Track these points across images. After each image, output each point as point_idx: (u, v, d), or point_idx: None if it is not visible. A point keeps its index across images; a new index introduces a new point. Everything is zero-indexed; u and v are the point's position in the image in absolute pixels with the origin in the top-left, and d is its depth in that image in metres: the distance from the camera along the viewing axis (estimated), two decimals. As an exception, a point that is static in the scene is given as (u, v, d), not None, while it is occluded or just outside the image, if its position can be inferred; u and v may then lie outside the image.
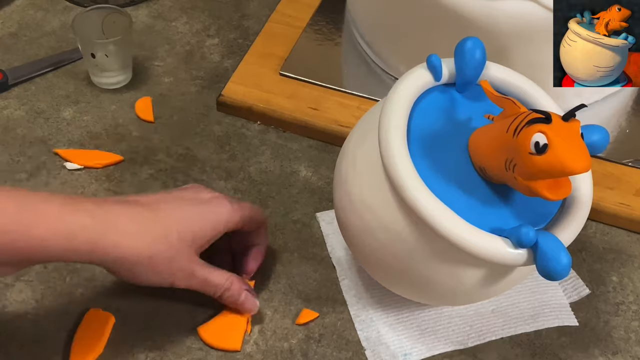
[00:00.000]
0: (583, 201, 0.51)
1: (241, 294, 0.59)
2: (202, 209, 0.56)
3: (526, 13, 0.63)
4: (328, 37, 0.83)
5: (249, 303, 0.59)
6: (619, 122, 0.76)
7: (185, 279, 0.55)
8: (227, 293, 0.58)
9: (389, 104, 0.50)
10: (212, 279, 0.57)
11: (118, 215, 0.52)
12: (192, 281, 0.56)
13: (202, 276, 0.56)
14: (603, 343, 0.62)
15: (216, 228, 0.56)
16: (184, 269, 0.55)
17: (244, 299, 0.59)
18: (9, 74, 0.78)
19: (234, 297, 0.58)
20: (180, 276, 0.55)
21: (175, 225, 0.54)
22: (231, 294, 0.58)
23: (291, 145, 0.75)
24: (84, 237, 0.50)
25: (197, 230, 0.55)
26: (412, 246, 0.51)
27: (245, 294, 0.59)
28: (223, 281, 0.57)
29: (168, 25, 0.87)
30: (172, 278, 0.55)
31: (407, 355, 0.60)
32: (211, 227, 0.56)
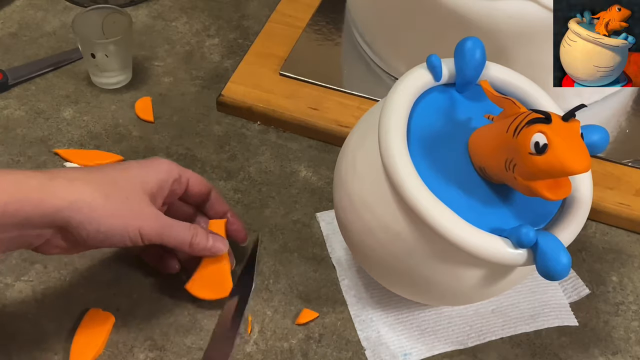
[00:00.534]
0: (583, 201, 0.51)
1: (208, 237, 0.58)
2: (141, 163, 0.57)
3: (526, 13, 0.63)
4: (328, 37, 0.83)
5: (219, 242, 0.59)
6: (619, 122, 0.76)
7: (151, 226, 0.54)
8: (195, 239, 0.57)
9: (389, 104, 0.50)
10: (177, 224, 0.56)
11: (65, 170, 0.53)
12: (159, 225, 0.55)
13: (168, 221, 0.56)
14: (603, 343, 0.62)
15: (159, 175, 0.57)
16: (147, 212, 0.54)
17: (212, 240, 0.59)
18: (9, 74, 0.78)
19: (203, 241, 0.58)
20: (145, 219, 0.54)
21: (121, 174, 0.55)
22: (199, 239, 0.57)
23: (291, 145, 0.76)
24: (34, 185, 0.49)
25: (143, 176, 0.55)
26: (412, 246, 0.51)
27: (213, 235, 0.59)
28: (188, 226, 0.57)
29: (168, 25, 0.87)
30: (138, 221, 0.53)
31: (407, 355, 0.60)
32: (155, 174, 0.56)
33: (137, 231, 0.53)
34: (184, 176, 0.59)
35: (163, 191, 0.57)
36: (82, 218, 0.50)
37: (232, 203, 0.70)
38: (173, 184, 0.58)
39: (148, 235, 0.54)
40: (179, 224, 0.57)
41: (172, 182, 0.58)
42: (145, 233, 0.54)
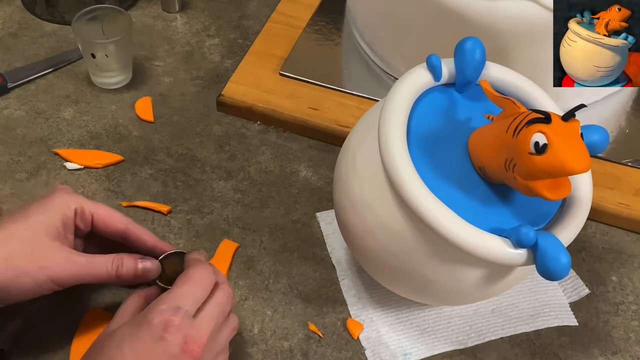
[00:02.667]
0: (583, 201, 0.51)
1: (137, 263, 0.55)
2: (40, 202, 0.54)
3: (526, 13, 0.63)
4: (328, 37, 0.83)
5: (149, 265, 0.56)
6: (619, 122, 0.76)
7: (65, 270, 0.52)
8: (122, 269, 0.54)
9: (389, 104, 0.50)
10: (96, 260, 0.53)
11: None
12: (74, 269, 0.52)
13: (84, 260, 0.53)
14: (603, 343, 0.62)
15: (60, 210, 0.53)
16: (56, 259, 0.51)
17: (142, 265, 0.55)
18: (8, 77, 0.78)
19: (131, 268, 0.55)
20: (56, 268, 0.51)
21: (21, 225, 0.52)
22: (126, 268, 0.54)
23: (291, 145, 0.76)
24: None
25: (43, 218, 0.52)
26: (412, 246, 0.51)
27: (141, 260, 0.55)
28: (111, 259, 0.54)
29: (168, 25, 0.87)
30: (48, 272, 0.51)
31: (407, 355, 0.60)
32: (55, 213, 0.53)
33: (52, 284, 0.52)
34: (87, 210, 0.56)
35: (69, 227, 0.54)
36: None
37: (232, 203, 0.70)
38: (76, 219, 0.55)
39: (61, 280, 0.52)
40: (98, 260, 0.54)
41: (75, 214, 0.55)
42: (57, 279, 0.52)
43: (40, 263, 0.51)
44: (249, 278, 0.65)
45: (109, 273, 0.54)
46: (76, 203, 0.55)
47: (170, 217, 0.68)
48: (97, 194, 0.70)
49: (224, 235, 0.67)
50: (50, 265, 0.51)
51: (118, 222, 0.57)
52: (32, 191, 0.70)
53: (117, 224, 0.57)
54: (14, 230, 0.52)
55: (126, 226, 0.57)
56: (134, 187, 0.71)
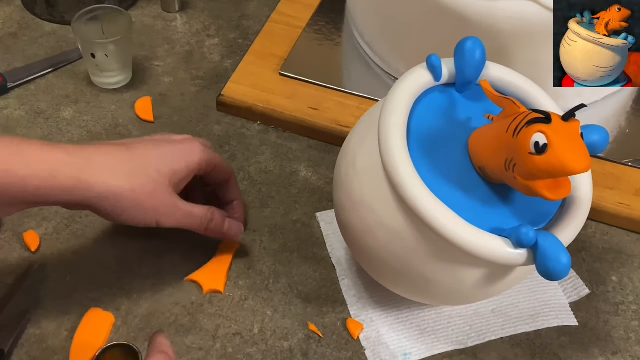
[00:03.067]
0: (583, 201, 0.51)
1: (224, 221, 0.62)
2: (175, 147, 0.58)
3: (526, 13, 0.63)
4: (328, 37, 0.83)
5: (235, 227, 0.63)
6: (619, 122, 0.76)
7: (170, 214, 0.57)
8: (211, 224, 0.60)
9: (389, 104, 0.50)
10: (195, 211, 0.59)
11: (96, 153, 0.54)
12: (177, 215, 0.57)
13: (186, 209, 0.58)
14: (603, 343, 0.62)
15: (190, 165, 0.58)
16: (167, 204, 0.56)
17: (228, 225, 0.62)
18: (8, 77, 0.78)
19: (219, 225, 0.61)
20: (164, 211, 0.56)
21: (152, 161, 0.56)
22: (215, 223, 0.60)
23: (291, 145, 0.76)
24: (66, 174, 0.51)
25: (173, 165, 0.57)
26: (412, 246, 0.51)
27: (229, 220, 0.62)
28: (205, 212, 0.60)
29: (168, 25, 0.87)
30: (157, 214, 0.56)
31: (407, 355, 0.60)
32: (186, 164, 0.58)
33: (155, 222, 0.57)
34: (212, 162, 0.61)
35: (189, 177, 0.59)
36: (107, 207, 0.54)
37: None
38: (200, 170, 0.60)
39: (165, 225, 0.57)
40: (197, 210, 0.59)
41: (201, 168, 0.60)
42: (163, 223, 0.57)
43: (155, 205, 0.56)
44: (249, 278, 0.65)
45: (201, 225, 0.60)
46: (206, 156, 0.60)
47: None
48: (97, 194, 0.70)
49: (224, 235, 0.67)
50: (163, 210, 0.56)
51: (229, 171, 0.64)
52: (32, 191, 0.70)
53: (228, 173, 0.64)
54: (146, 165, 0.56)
55: (231, 175, 0.64)
56: (134, 187, 0.71)
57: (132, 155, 0.56)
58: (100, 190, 0.53)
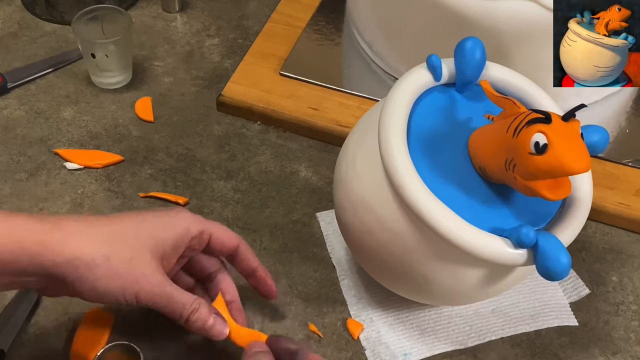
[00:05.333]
0: (583, 201, 0.51)
1: (209, 316, 0.53)
2: (160, 215, 0.53)
3: (526, 13, 0.63)
4: (328, 37, 0.83)
5: (219, 326, 0.53)
6: (619, 122, 0.76)
7: (150, 290, 0.50)
8: (193, 316, 0.52)
9: (389, 104, 0.50)
10: (179, 296, 0.51)
11: (67, 218, 0.50)
12: (157, 293, 0.51)
13: (169, 290, 0.51)
14: (603, 343, 0.62)
15: (177, 233, 0.52)
16: (149, 276, 0.50)
17: (212, 322, 0.53)
18: (8, 77, 0.78)
19: (202, 319, 0.52)
20: (144, 285, 0.50)
21: (132, 229, 0.51)
22: (198, 316, 0.52)
23: (291, 145, 0.76)
24: (32, 238, 0.47)
25: (156, 233, 0.51)
26: (412, 246, 0.51)
27: (215, 317, 0.53)
28: (191, 300, 0.52)
29: (168, 25, 0.87)
30: (136, 286, 0.50)
31: (407, 355, 0.60)
32: (172, 232, 0.52)
33: (134, 296, 0.50)
34: (206, 232, 0.55)
35: (178, 250, 0.53)
36: (78, 276, 0.48)
37: (232, 203, 0.70)
38: (191, 241, 0.54)
39: (144, 301, 0.51)
40: (180, 293, 0.52)
41: (190, 239, 0.53)
42: (141, 299, 0.51)
43: (134, 275, 0.50)
44: (249, 278, 0.65)
45: (182, 314, 0.52)
46: (196, 225, 0.54)
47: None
48: (97, 194, 0.70)
49: (224, 235, 0.67)
50: (142, 283, 0.50)
51: (233, 241, 0.56)
52: (32, 191, 0.70)
53: (232, 243, 0.56)
54: (124, 231, 0.50)
55: (238, 244, 0.57)
56: (134, 187, 0.71)
57: (108, 221, 0.50)
58: (69, 255, 0.47)
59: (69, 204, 0.69)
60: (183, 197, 0.70)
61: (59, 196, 0.69)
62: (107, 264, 0.49)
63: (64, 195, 0.70)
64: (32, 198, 0.69)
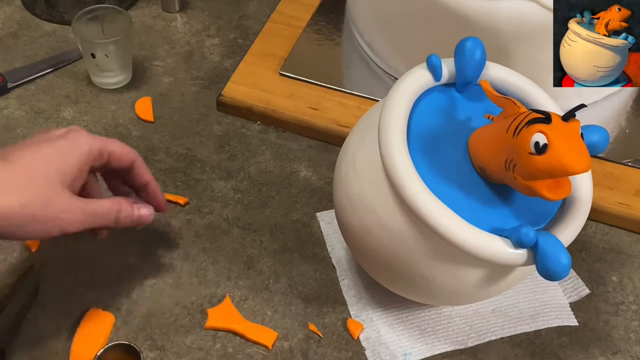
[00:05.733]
0: (583, 201, 0.51)
1: (134, 209, 0.57)
2: (59, 144, 0.53)
3: (526, 13, 0.63)
4: (328, 37, 0.83)
5: (145, 210, 0.58)
6: (619, 122, 0.76)
7: (73, 220, 0.52)
8: (121, 214, 0.56)
9: (389, 104, 0.50)
10: (100, 207, 0.54)
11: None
12: (81, 218, 0.53)
13: (90, 208, 0.53)
14: (603, 343, 0.62)
15: (80, 158, 0.53)
16: (68, 209, 0.52)
17: (138, 211, 0.57)
18: (8, 77, 0.78)
19: (129, 214, 0.56)
20: (66, 218, 0.52)
21: (38, 168, 0.51)
22: (125, 213, 0.56)
23: (291, 145, 0.76)
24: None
25: (61, 166, 0.52)
26: (412, 246, 0.51)
27: (137, 205, 0.57)
28: (111, 204, 0.55)
29: (168, 25, 0.87)
30: (58, 223, 0.51)
31: (407, 355, 0.60)
32: (76, 159, 0.53)
33: (60, 232, 0.52)
34: (106, 151, 0.56)
35: (83, 173, 0.54)
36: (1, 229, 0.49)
37: (232, 203, 0.70)
38: (93, 162, 0.55)
39: (70, 229, 0.53)
40: (101, 205, 0.54)
41: (93, 159, 0.55)
42: (67, 230, 0.52)
43: (54, 214, 0.51)
44: (248, 278, 0.65)
45: (110, 219, 0.55)
46: (96, 146, 0.55)
47: (170, 217, 0.68)
48: (97, 194, 0.70)
49: (223, 235, 0.67)
50: (63, 216, 0.52)
51: (130, 156, 0.58)
52: (32, 191, 0.70)
53: (129, 158, 0.58)
54: (31, 175, 0.51)
55: (135, 159, 0.59)
56: (134, 187, 0.71)
57: (12, 167, 0.51)
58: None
59: (69, 204, 0.69)
60: (183, 197, 0.70)
61: (59, 196, 0.69)
62: (25, 212, 0.50)
63: (64, 195, 0.69)
64: (32, 198, 0.69)
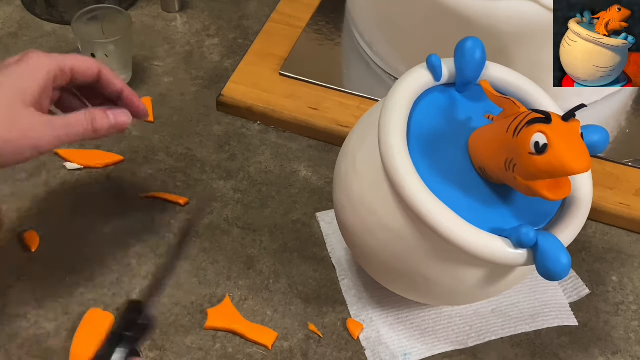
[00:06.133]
0: (583, 201, 0.51)
1: (109, 114, 0.55)
2: (12, 69, 0.52)
3: (526, 13, 0.63)
4: (328, 37, 0.83)
5: (121, 115, 0.56)
6: (619, 122, 0.76)
7: (45, 135, 0.51)
8: (96, 123, 0.54)
9: (389, 104, 0.50)
10: (72, 119, 0.53)
11: None
12: (53, 132, 0.52)
13: (60, 121, 0.52)
14: (603, 343, 0.62)
15: (39, 79, 0.52)
16: (34, 125, 0.51)
17: (114, 116, 0.55)
18: (8, 75, 0.78)
19: (106, 121, 0.55)
20: (37, 135, 0.51)
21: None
22: (101, 121, 0.54)
23: (291, 145, 0.76)
24: None
25: (20, 85, 0.51)
26: (412, 246, 0.51)
27: (112, 111, 0.55)
28: (83, 114, 0.54)
29: (168, 25, 0.87)
30: (29, 141, 0.51)
31: (407, 355, 0.60)
32: (34, 80, 0.52)
33: (34, 151, 0.51)
34: (67, 66, 0.54)
35: (47, 91, 0.53)
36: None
37: (232, 203, 0.70)
38: (55, 80, 0.54)
39: (46, 148, 0.52)
40: (74, 118, 0.53)
41: (54, 77, 0.54)
42: (43, 148, 0.52)
43: (22, 132, 0.50)
44: (248, 278, 0.65)
45: (85, 129, 0.54)
46: (54, 63, 0.53)
47: (170, 217, 0.68)
48: (97, 194, 0.70)
49: (224, 235, 0.67)
50: (33, 134, 0.51)
51: (93, 68, 0.56)
52: (32, 191, 0.70)
53: (93, 70, 0.56)
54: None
55: (99, 70, 0.56)
56: (134, 187, 0.71)
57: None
58: None
59: (69, 204, 0.69)
60: (183, 197, 0.70)
61: (59, 196, 0.69)
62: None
63: (64, 195, 0.69)
64: (32, 198, 0.69)
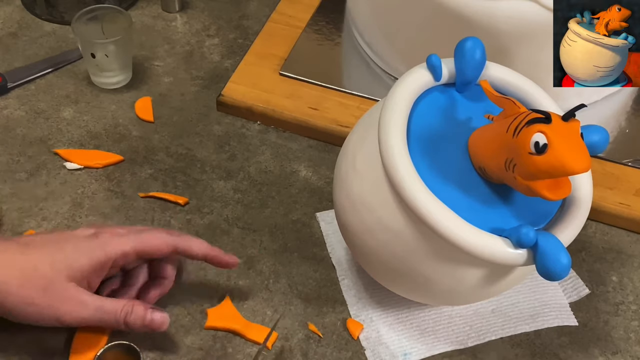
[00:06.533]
0: (583, 201, 0.51)
1: (146, 312, 0.55)
2: (78, 242, 0.55)
3: (526, 13, 0.63)
4: (328, 37, 0.83)
5: (158, 318, 0.56)
6: (619, 122, 0.76)
7: (73, 311, 0.53)
8: (130, 317, 0.55)
9: (389, 104, 0.50)
10: (107, 305, 0.54)
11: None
12: (83, 311, 0.53)
13: (96, 303, 0.54)
14: (603, 343, 0.62)
15: (94, 259, 0.54)
16: (67, 299, 0.53)
17: (151, 316, 0.55)
18: (8, 77, 0.78)
19: (140, 317, 0.55)
20: (65, 308, 0.53)
21: (46, 258, 0.53)
22: (135, 316, 0.55)
23: (291, 145, 0.76)
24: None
25: (72, 263, 0.53)
26: (412, 246, 0.51)
27: (152, 311, 0.55)
28: (121, 305, 0.54)
29: (168, 25, 0.87)
30: (54, 311, 0.53)
31: (407, 355, 0.60)
32: (89, 258, 0.54)
33: (56, 322, 0.53)
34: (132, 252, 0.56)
35: (100, 271, 0.55)
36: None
37: (232, 203, 0.70)
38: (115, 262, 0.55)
39: (70, 322, 0.54)
40: (110, 305, 0.54)
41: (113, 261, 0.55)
42: (66, 321, 0.53)
43: (50, 302, 0.52)
44: (248, 278, 0.65)
45: (117, 320, 0.55)
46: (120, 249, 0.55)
47: (169, 217, 0.68)
48: (97, 193, 0.70)
49: (224, 235, 0.67)
50: (61, 308, 0.53)
51: (163, 249, 0.57)
52: (32, 191, 0.70)
53: (163, 251, 0.57)
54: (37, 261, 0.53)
55: (173, 248, 0.57)
56: (134, 187, 0.71)
57: (23, 252, 0.53)
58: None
59: (69, 204, 0.69)
60: (183, 197, 0.70)
61: (59, 196, 0.69)
62: (21, 291, 0.52)
63: (64, 195, 0.70)
64: (32, 198, 0.69)
